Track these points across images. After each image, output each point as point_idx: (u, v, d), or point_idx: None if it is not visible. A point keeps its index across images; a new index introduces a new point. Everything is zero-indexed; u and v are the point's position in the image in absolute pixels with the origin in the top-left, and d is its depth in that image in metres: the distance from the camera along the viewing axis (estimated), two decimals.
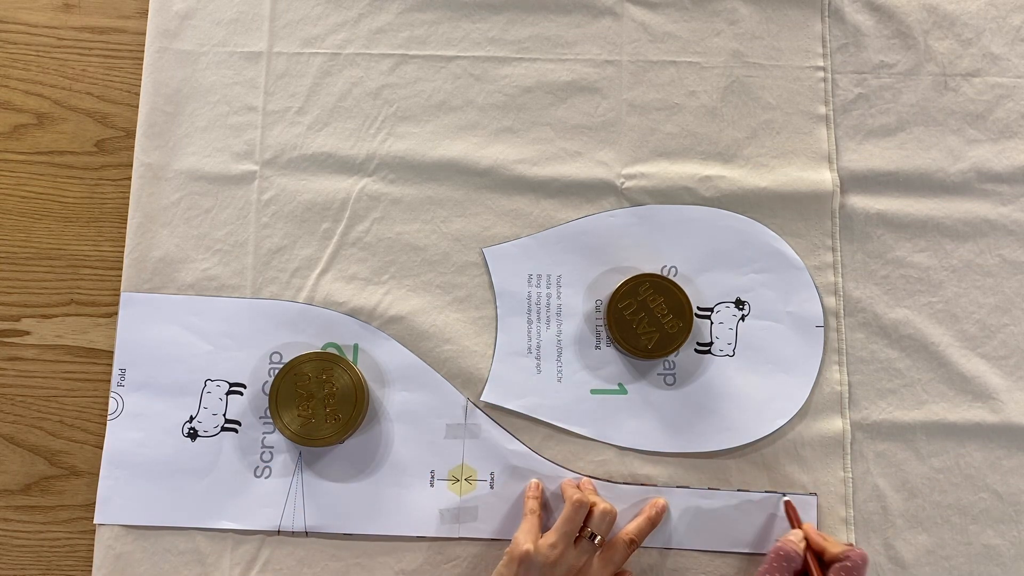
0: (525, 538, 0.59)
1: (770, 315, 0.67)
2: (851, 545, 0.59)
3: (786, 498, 0.64)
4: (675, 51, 0.72)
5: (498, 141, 0.70)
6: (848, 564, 0.57)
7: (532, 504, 0.63)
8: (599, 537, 0.60)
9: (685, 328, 0.66)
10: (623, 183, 0.70)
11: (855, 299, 0.68)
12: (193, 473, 0.66)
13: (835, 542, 0.59)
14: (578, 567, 0.59)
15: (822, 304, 0.67)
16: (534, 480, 0.65)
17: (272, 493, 0.65)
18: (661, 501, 0.64)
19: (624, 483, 0.65)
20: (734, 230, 0.69)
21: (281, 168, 0.70)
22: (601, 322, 0.68)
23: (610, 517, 0.61)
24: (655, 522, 0.63)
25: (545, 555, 0.58)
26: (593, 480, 0.65)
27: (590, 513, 0.61)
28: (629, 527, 0.62)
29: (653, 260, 0.68)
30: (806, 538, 0.60)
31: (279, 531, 0.65)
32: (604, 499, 0.63)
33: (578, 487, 0.64)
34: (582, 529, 0.60)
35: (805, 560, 0.59)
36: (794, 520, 0.63)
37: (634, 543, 0.62)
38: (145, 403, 0.67)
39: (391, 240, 0.69)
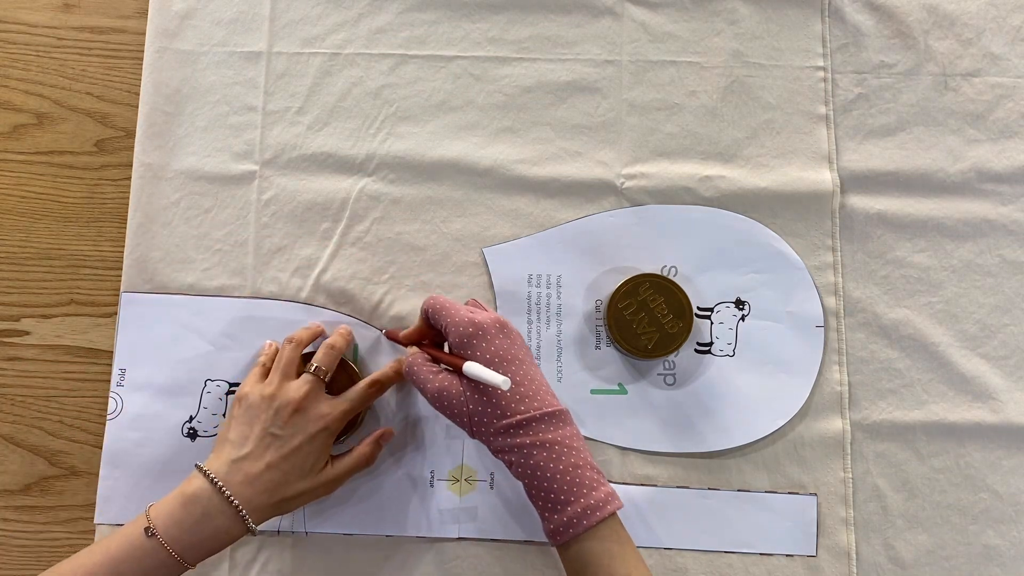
0: (245, 382, 0.61)
1: (770, 315, 0.67)
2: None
3: (384, 331, 0.66)
4: (675, 51, 0.72)
5: (498, 141, 0.70)
6: (430, 313, 0.58)
7: (261, 360, 0.64)
8: (320, 368, 0.60)
9: (685, 328, 0.66)
10: (623, 183, 0.70)
11: (855, 299, 0.68)
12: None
13: (417, 320, 0.61)
14: (297, 398, 0.58)
15: (822, 304, 0.67)
16: (268, 341, 0.66)
17: None
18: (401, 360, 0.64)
19: (624, 483, 0.65)
20: (734, 230, 0.69)
21: (281, 168, 0.70)
22: (601, 322, 0.68)
23: (332, 351, 0.61)
24: (401, 372, 0.63)
25: (261, 390, 0.59)
26: None
27: (319, 349, 0.62)
28: (376, 372, 0.63)
29: (653, 260, 0.68)
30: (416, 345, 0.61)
31: (279, 531, 0.65)
32: (344, 339, 0.63)
33: (310, 328, 0.65)
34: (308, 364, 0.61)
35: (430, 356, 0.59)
36: (398, 341, 0.64)
37: (376, 384, 0.62)
38: (145, 403, 0.67)
39: (391, 240, 0.69)
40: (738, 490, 0.65)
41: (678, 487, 0.65)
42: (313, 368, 0.60)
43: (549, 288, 0.68)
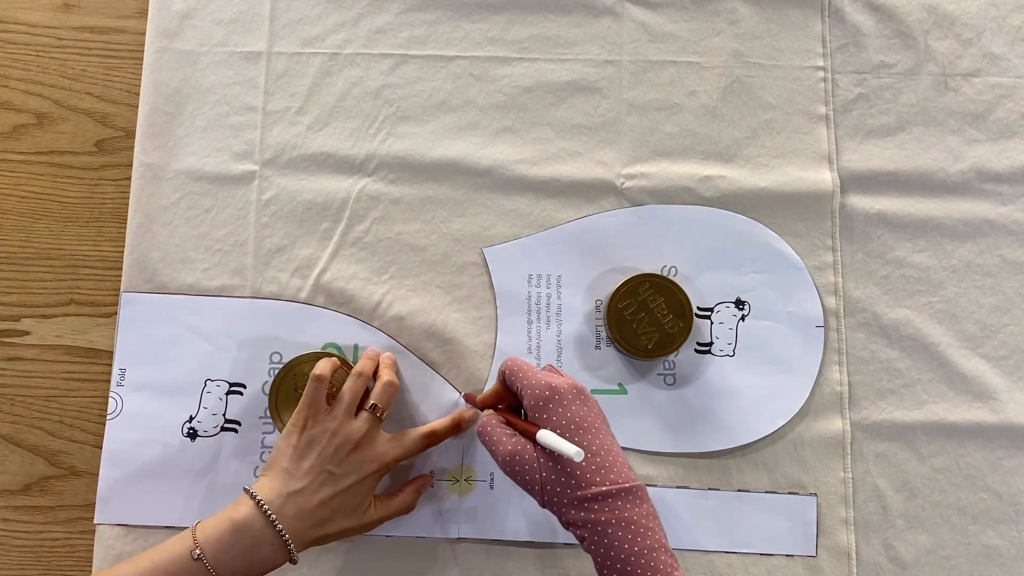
0: (300, 408, 0.59)
1: (770, 315, 0.67)
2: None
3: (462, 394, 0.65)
4: (675, 51, 0.72)
5: (498, 141, 0.70)
6: (508, 374, 0.56)
7: (321, 368, 0.61)
8: (379, 407, 0.60)
9: (685, 328, 0.66)
10: (623, 183, 0.70)
11: (855, 299, 0.68)
12: (193, 473, 0.66)
13: (495, 383, 0.59)
14: (357, 437, 0.58)
15: (822, 304, 0.67)
16: (327, 361, 0.62)
17: None
18: (468, 412, 0.64)
19: None
20: (734, 230, 0.69)
21: (281, 168, 0.70)
22: (601, 322, 0.68)
23: (392, 388, 0.61)
24: (460, 426, 0.63)
25: (322, 423, 0.58)
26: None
27: (376, 386, 0.61)
28: (433, 422, 0.62)
29: (653, 260, 0.68)
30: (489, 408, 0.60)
31: None
32: (395, 374, 0.63)
33: (372, 358, 0.64)
34: (364, 400, 0.60)
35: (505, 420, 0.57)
36: (474, 404, 0.62)
37: (432, 435, 0.61)
38: (145, 403, 0.67)
39: (391, 240, 0.69)
40: (738, 490, 0.65)
41: (678, 487, 0.65)
42: (371, 406, 0.59)
43: (549, 288, 0.68)
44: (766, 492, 0.65)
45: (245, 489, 0.57)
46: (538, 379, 0.55)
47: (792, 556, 0.64)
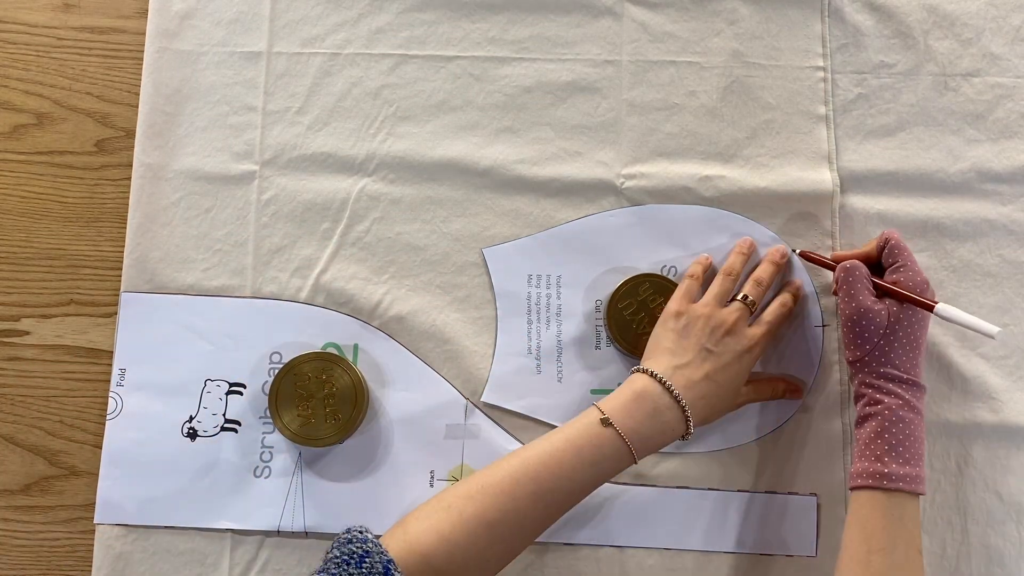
0: (675, 299, 0.64)
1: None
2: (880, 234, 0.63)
3: (797, 251, 0.67)
4: (675, 51, 0.72)
5: (498, 141, 0.70)
6: (892, 244, 0.61)
7: (693, 269, 0.66)
8: (750, 298, 0.63)
9: None
10: (623, 183, 0.70)
11: None
12: (193, 473, 0.66)
13: (864, 246, 0.64)
14: (730, 322, 0.61)
15: (822, 304, 0.67)
16: (705, 255, 0.67)
17: (272, 493, 0.65)
18: (782, 247, 0.67)
19: (624, 483, 0.65)
20: (734, 230, 0.69)
21: (281, 168, 0.70)
22: (601, 322, 0.68)
23: (761, 287, 0.64)
24: (779, 265, 0.66)
25: (697, 309, 0.62)
26: None
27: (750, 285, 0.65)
28: (759, 274, 0.65)
29: (653, 260, 0.68)
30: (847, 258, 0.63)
31: (279, 531, 0.65)
32: (768, 272, 0.65)
33: (744, 253, 0.67)
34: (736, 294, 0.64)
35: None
36: (820, 261, 0.65)
37: (784, 304, 0.64)
38: (144, 403, 0.67)
39: (391, 240, 0.69)
40: (738, 490, 0.65)
41: (678, 487, 0.65)
42: (742, 297, 0.63)
43: (549, 288, 0.68)
44: (766, 492, 0.65)
45: (635, 369, 0.61)
46: (920, 271, 0.60)
47: (792, 556, 0.64)
